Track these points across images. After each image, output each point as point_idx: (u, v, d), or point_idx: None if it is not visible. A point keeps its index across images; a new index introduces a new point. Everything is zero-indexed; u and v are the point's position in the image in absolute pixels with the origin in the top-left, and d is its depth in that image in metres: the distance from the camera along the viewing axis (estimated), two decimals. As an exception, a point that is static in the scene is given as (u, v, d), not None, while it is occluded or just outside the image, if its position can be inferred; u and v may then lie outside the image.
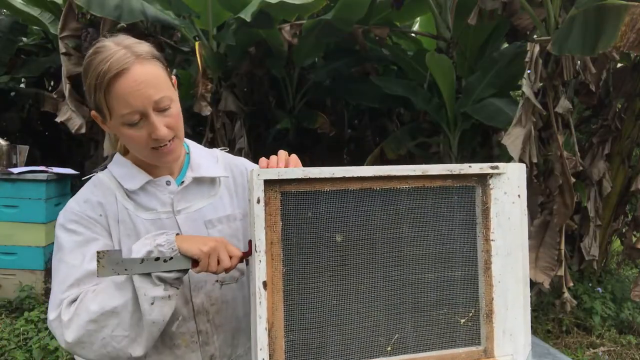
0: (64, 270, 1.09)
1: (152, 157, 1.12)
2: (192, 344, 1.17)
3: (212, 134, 4.86)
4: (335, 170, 1.00)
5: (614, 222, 4.47)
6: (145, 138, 1.07)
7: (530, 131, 3.43)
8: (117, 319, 1.02)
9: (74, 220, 1.12)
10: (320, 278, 1.02)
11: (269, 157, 1.14)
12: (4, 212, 3.96)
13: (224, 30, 4.61)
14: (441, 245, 1.10)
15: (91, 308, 1.02)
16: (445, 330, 1.10)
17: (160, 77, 1.07)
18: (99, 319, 1.02)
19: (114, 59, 1.03)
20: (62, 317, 1.04)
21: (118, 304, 1.02)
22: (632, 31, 2.76)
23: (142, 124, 1.06)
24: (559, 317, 3.92)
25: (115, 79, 1.02)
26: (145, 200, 1.16)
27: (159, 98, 1.05)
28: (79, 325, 1.02)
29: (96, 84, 1.04)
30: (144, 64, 1.05)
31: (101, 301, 1.03)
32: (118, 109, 1.04)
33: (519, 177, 1.12)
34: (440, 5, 4.59)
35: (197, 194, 1.21)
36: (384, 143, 4.80)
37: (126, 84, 1.02)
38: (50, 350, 3.12)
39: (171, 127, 1.08)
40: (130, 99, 1.03)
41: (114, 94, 1.03)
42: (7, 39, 5.58)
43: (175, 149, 1.12)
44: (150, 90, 1.04)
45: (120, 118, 1.05)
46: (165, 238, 1.04)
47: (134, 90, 1.02)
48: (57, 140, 6.62)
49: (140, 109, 1.04)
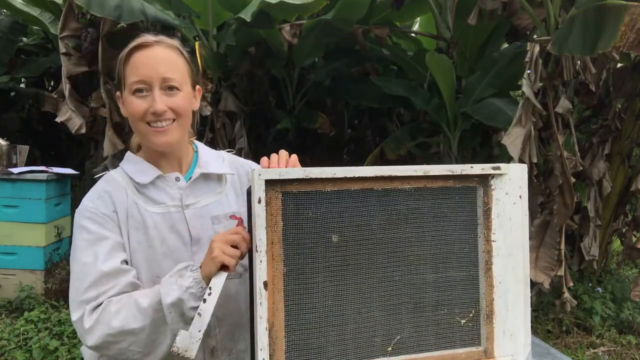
0: (77, 269, 1.13)
1: (146, 134, 1.16)
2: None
3: (212, 134, 4.86)
4: (336, 170, 1.00)
5: (614, 222, 4.47)
6: (144, 109, 1.13)
7: (530, 131, 3.44)
8: (134, 337, 1.07)
9: (87, 217, 1.16)
10: (321, 278, 1.02)
11: (269, 157, 1.15)
12: (4, 212, 3.96)
13: (224, 30, 4.61)
14: (442, 245, 1.10)
15: (112, 324, 1.07)
16: (446, 331, 1.10)
17: (177, 64, 1.17)
18: (118, 335, 1.07)
19: (144, 37, 1.16)
20: (84, 324, 1.09)
21: (137, 327, 1.06)
22: (631, 31, 2.76)
23: (147, 96, 1.13)
24: (559, 317, 3.92)
25: (136, 50, 1.14)
26: (155, 194, 1.20)
27: (167, 77, 1.13)
28: (99, 335, 1.08)
29: (120, 57, 1.16)
30: (167, 48, 1.16)
31: (122, 319, 1.07)
32: (129, 77, 1.14)
33: (521, 177, 1.12)
34: (440, 5, 4.59)
35: (204, 190, 1.25)
36: (384, 143, 4.80)
37: (143, 55, 1.13)
38: (50, 350, 3.11)
39: (172, 109, 1.14)
40: (141, 68, 1.13)
41: (130, 63, 1.14)
42: (7, 39, 5.59)
43: (169, 133, 1.15)
44: (162, 68, 1.13)
45: (129, 86, 1.13)
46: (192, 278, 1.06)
47: (148, 62, 1.13)
48: (57, 140, 6.62)
49: (147, 79, 1.12)
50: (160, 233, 1.17)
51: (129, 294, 1.10)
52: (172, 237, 1.18)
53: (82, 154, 5.91)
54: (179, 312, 1.04)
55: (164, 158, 1.22)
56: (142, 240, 1.17)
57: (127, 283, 1.12)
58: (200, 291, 1.04)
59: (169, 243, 1.17)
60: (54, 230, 4.10)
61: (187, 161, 1.27)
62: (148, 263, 1.16)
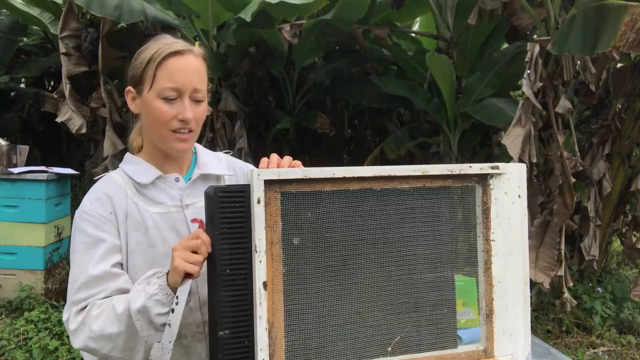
0: (73, 270, 1.14)
1: (167, 139, 1.17)
2: (197, 334, 1.20)
3: (212, 134, 4.86)
4: (335, 170, 1.00)
5: (614, 222, 4.47)
6: (172, 116, 1.15)
7: (529, 131, 3.44)
8: (112, 343, 1.07)
9: (85, 220, 1.16)
10: (320, 278, 1.02)
11: (269, 157, 1.15)
12: (4, 212, 3.96)
13: (224, 30, 4.61)
14: (441, 245, 1.10)
15: (92, 327, 1.08)
16: (445, 330, 1.10)
17: (204, 76, 1.20)
18: (98, 339, 1.07)
19: (178, 43, 1.18)
20: (70, 325, 1.11)
21: (114, 332, 1.06)
22: (632, 31, 2.76)
23: (175, 103, 1.15)
24: (559, 317, 3.92)
25: (173, 55, 1.15)
26: (155, 195, 1.21)
27: (198, 87, 1.16)
28: (82, 338, 1.09)
29: (152, 57, 1.15)
30: (198, 58, 1.19)
31: (101, 324, 1.07)
32: (162, 81, 1.14)
33: (520, 177, 1.12)
34: (440, 5, 4.59)
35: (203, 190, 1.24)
36: (384, 143, 4.80)
37: (180, 62, 1.15)
38: (50, 350, 3.12)
39: (195, 120, 1.17)
40: (177, 75, 1.14)
41: (165, 67, 1.14)
42: (7, 39, 5.59)
43: (189, 141, 1.19)
44: (195, 78, 1.16)
45: (160, 91, 1.14)
46: (157, 285, 1.05)
47: (184, 71, 1.15)
48: (57, 140, 6.62)
49: (181, 87, 1.14)
50: (161, 233, 1.18)
51: (109, 298, 1.11)
52: (172, 236, 1.19)
53: (82, 154, 5.92)
54: (146, 320, 1.04)
55: (168, 160, 1.24)
56: (142, 240, 1.17)
57: (117, 288, 1.12)
58: (166, 298, 1.04)
59: (169, 242, 1.17)
60: (54, 230, 4.10)
61: (187, 162, 1.29)
62: (149, 263, 1.16)
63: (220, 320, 0.98)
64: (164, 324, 1.03)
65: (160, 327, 1.04)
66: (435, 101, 4.61)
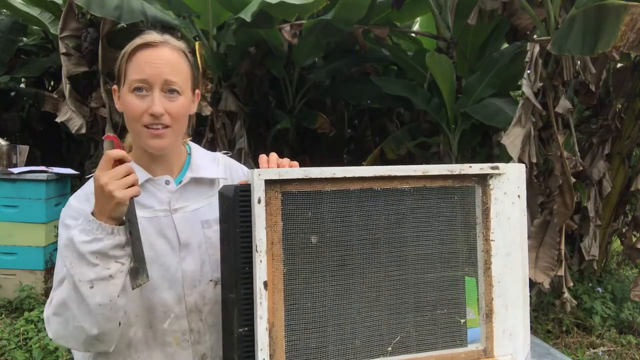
0: (58, 265, 1.12)
1: (141, 135, 1.13)
2: (183, 342, 1.17)
3: (212, 134, 4.86)
4: (336, 170, 1.00)
5: (614, 222, 4.47)
6: (142, 110, 1.10)
7: (529, 131, 3.44)
8: (70, 310, 1.03)
9: (72, 217, 1.14)
10: (320, 278, 1.02)
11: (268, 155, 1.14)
12: (4, 212, 3.96)
13: (224, 30, 4.61)
14: (441, 245, 1.10)
15: (53, 302, 1.07)
16: (446, 330, 1.10)
17: (181, 68, 1.15)
18: (58, 312, 1.05)
19: (152, 35, 1.14)
20: (44, 315, 1.09)
21: (65, 295, 1.04)
22: (632, 31, 2.76)
23: (146, 97, 1.11)
24: (559, 317, 3.92)
25: (142, 47, 1.11)
26: (143, 198, 1.16)
27: (170, 79, 1.11)
28: (51, 321, 1.07)
29: (124, 52, 1.13)
30: (173, 50, 1.14)
31: (58, 295, 1.06)
32: (131, 74, 1.11)
33: (519, 177, 1.12)
34: (440, 5, 4.59)
35: (195, 194, 1.22)
36: (384, 143, 4.80)
37: (148, 54, 1.11)
38: (50, 350, 3.12)
39: (170, 114, 1.11)
40: (145, 67, 1.10)
41: (134, 60, 1.11)
42: (7, 39, 5.59)
43: (165, 137, 1.13)
44: (165, 69, 1.11)
45: (130, 83, 1.11)
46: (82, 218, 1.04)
47: (152, 62, 1.10)
48: (57, 140, 6.62)
49: (149, 79, 1.10)
50: (148, 238, 1.14)
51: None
52: (160, 242, 1.15)
53: (82, 154, 5.91)
54: (75, 253, 1.00)
55: (155, 161, 1.19)
56: None
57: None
58: (88, 225, 1.00)
59: (156, 248, 1.15)
60: (54, 230, 4.10)
61: (179, 163, 1.24)
62: None
63: (239, 317, 0.98)
64: (94, 254, 0.99)
65: (92, 259, 0.99)
66: (435, 101, 4.61)
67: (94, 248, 1.00)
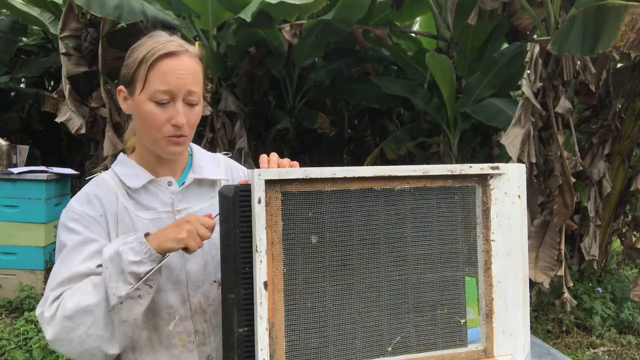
0: (56, 266, 1.12)
1: (160, 144, 1.13)
2: (188, 344, 1.17)
3: (212, 134, 4.86)
4: (336, 170, 1.00)
5: (614, 222, 4.47)
6: (164, 121, 1.10)
7: (529, 131, 3.44)
8: (92, 317, 1.04)
9: (74, 219, 1.13)
10: (321, 278, 1.02)
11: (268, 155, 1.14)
12: (4, 212, 3.96)
13: (224, 30, 4.61)
14: (442, 245, 1.10)
15: (67, 305, 1.04)
16: (446, 330, 1.10)
17: (199, 77, 1.15)
18: (74, 316, 1.04)
19: (172, 43, 1.12)
20: (45, 314, 1.07)
21: (92, 302, 1.03)
22: (632, 31, 2.76)
23: (168, 107, 1.10)
24: (559, 317, 3.92)
25: (166, 56, 1.10)
26: (146, 200, 1.17)
27: (192, 90, 1.12)
28: (56, 323, 1.05)
29: (144, 57, 1.10)
30: (193, 59, 1.14)
31: (77, 299, 1.04)
32: (154, 84, 1.09)
33: (519, 177, 1.12)
34: (440, 5, 4.60)
35: (197, 195, 1.23)
36: (384, 143, 4.80)
37: (173, 64, 1.10)
38: (50, 350, 3.12)
39: (189, 124, 1.13)
40: (170, 78, 1.09)
41: (157, 69, 1.09)
42: (7, 39, 5.58)
43: (182, 144, 1.15)
44: (189, 80, 1.11)
45: (152, 94, 1.09)
46: (134, 237, 1.04)
47: (177, 73, 1.10)
48: (57, 140, 6.62)
49: (174, 90, 1.10)
50: None
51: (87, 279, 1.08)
52: None
53: (82, 154, 5.91)
54: (117, 268, 1.02)
55: (160, 163, 1.19)
56: None
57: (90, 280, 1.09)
58: (139, 246, 1.02)
59: None
60: (54, 230, 4.10)
61: (182, 165, 1.24)
62: None
63: (239, 317, 0.98)
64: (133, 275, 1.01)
65: (129, 278, 1.01)
66: (435, 101, 4.61)
67: (137, 270, 1.02)
